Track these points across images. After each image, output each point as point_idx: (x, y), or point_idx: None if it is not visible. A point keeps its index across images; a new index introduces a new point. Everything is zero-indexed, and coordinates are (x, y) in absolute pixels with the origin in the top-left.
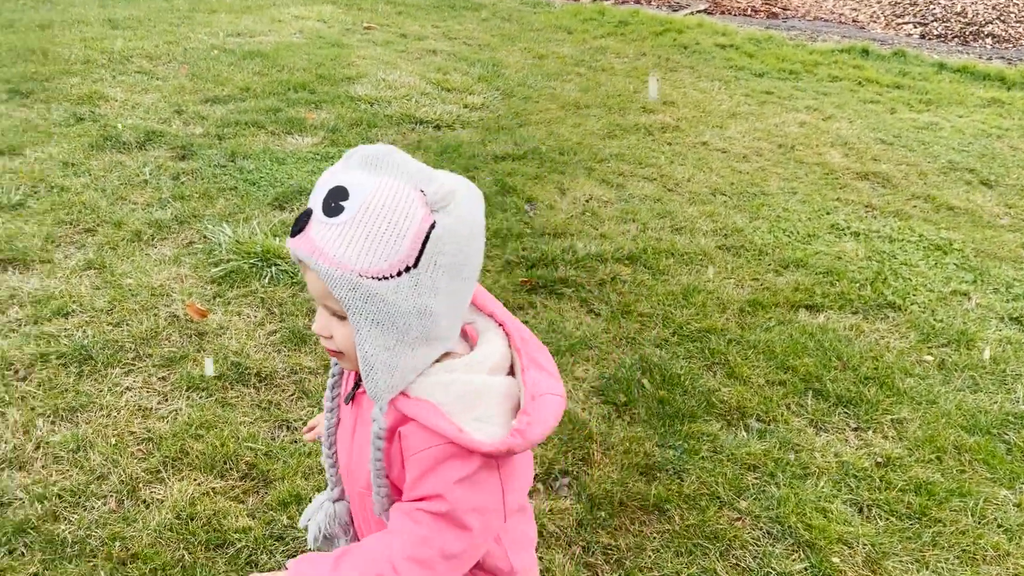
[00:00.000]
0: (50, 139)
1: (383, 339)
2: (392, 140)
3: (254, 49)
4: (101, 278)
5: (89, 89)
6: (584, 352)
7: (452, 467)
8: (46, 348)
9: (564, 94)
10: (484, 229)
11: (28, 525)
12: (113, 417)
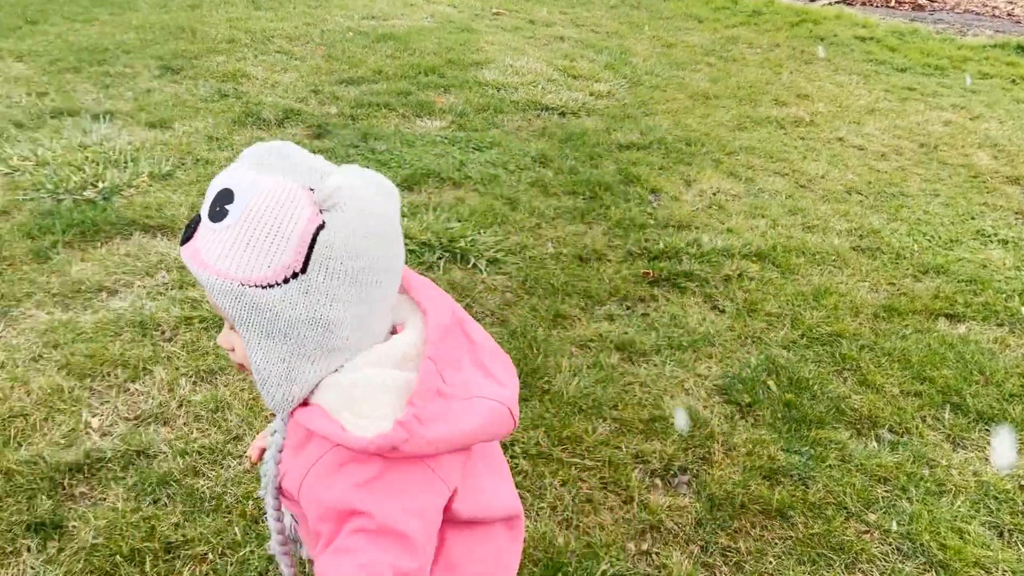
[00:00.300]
0: (197, 114)
1: (276, 351)
2: (517, 126)
3: (387, 32)
4: None
5: (233, 67)
6: (707, 349)
7: (350, 471)
8: (189, 312)
9: (692, 84)
10: (394, 228)
11: (171, 478)
12: (248, 382)
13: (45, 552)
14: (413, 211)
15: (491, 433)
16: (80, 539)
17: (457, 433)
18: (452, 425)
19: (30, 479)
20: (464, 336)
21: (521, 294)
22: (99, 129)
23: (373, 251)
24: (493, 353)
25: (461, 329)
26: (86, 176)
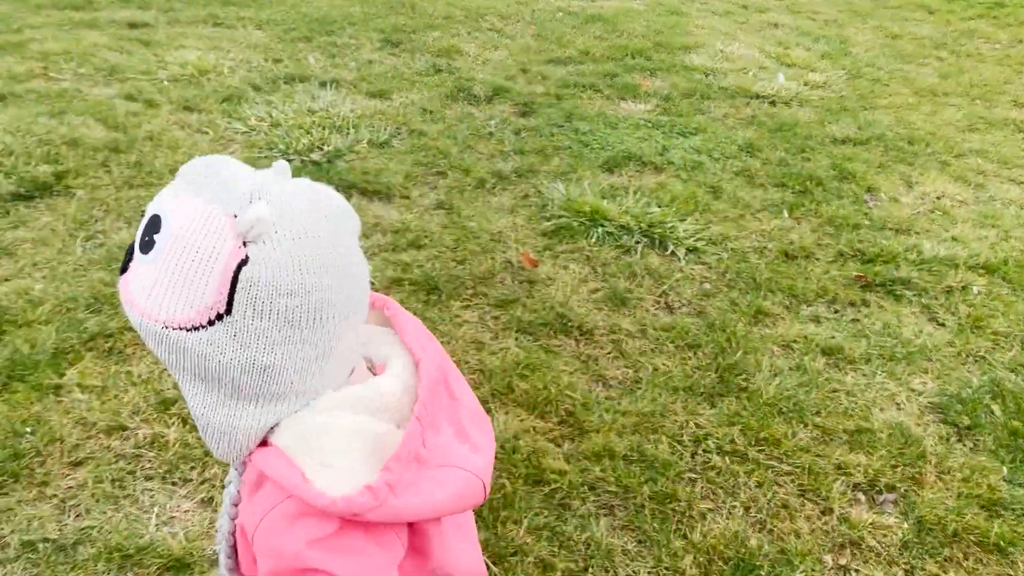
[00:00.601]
0: (413, 87)
1: (212, 396)
2: (724, 114)
3: (596, 13)
4: (449, 218)
5: (448, 43)
6: (922, 363)
7: (306, 526)
8: (401, 274)
9: (919, 79)
10: (343, 257)
11: None
12: (452, 345)
13: None
14: (613, 193)
15: (461, 506)
16: None
17: (428, 506)
18: (424, 497)
19: None
20: (447, 391)
21: (720, 286)
22: (325, 96)
23: (312, 285)
24: (473, 415)
25: (445, 382)
26: (313, 139)
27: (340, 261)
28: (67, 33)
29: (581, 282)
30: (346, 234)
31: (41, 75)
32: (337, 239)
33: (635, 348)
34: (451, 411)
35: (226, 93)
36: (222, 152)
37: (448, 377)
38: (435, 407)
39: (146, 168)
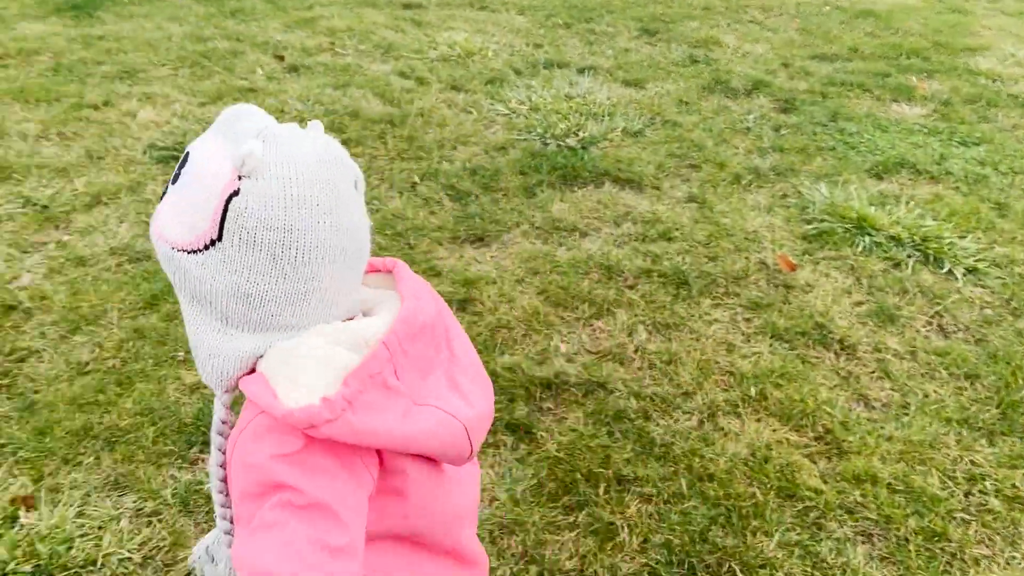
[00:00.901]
0: (668, 76)
1: (205, 320)
2: (1014, 124)
3: (867, 8)
4: (701, 213)
5: (706, 34)
6: None
7: (271, 440)
8: (650, 265)
9: None
10: (332, 201)
11: (625, 415)
12: (701, 343)
13: (518, 451)
14: (882, 200)
15: (434, 445)
16: (546, 448)
17: (392, 433)
18: (388, 422)
19: (511, 383)
20: (447, 347)
21: (1004, 313)
22: (583, 82)
23: (296, 224)
24: (473, 375)
25: (445, 338)
26: (569, 125)
27: (328, 206)
28: (350, 12)
29: (844, 293)
30: (341, 184)
31: (328, 50)
32: (330, 186)
33: (903, 370)
34: (448, 365)
35: (490, 75)
36: (484, 132)
37: (450, 335)
38: (419, 347)
39: (417, 143)
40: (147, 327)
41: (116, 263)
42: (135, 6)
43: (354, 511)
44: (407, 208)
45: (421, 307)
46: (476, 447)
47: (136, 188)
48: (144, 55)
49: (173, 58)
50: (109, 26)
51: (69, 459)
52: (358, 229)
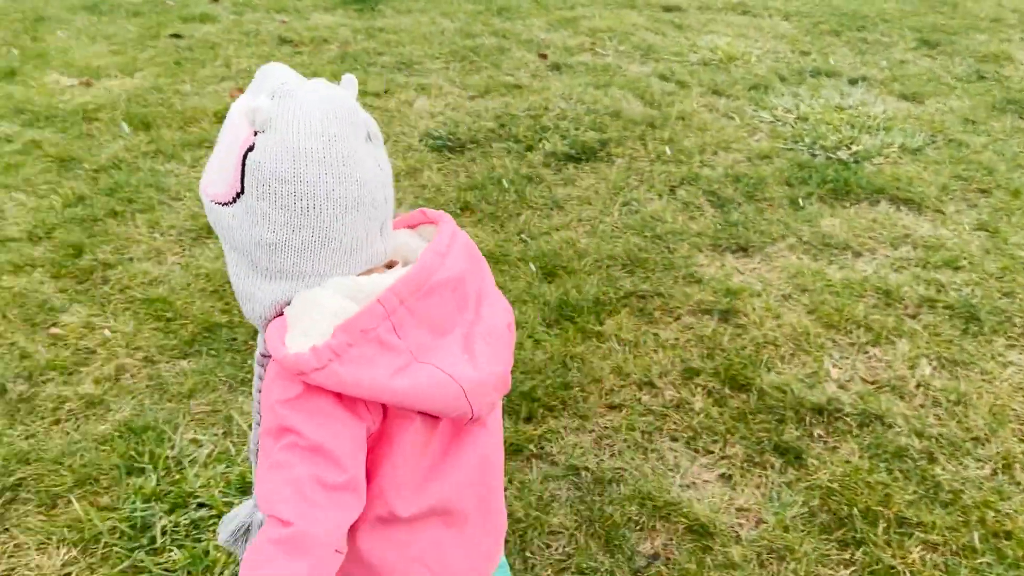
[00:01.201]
0: (951, 92)
1: (241, 266)
2: None
3: None
4: (992, 242)
5: (995, 48)
6: None
7: (277, 386)
8: (934, 295)
9: None
10: (343, 154)
11: (906, 454)
12: (994, 385)
13: (786, 475)
14: None
15: (428, 405)
16: (818, 477)
17: (375, 386)
18: (375, 376)
19: (778, 403)
20: (474, 307)
21: None
22: (854, 93)
23: (304, 176)
24: (492, 335)
25: (476, 298)
26: (841, 137)
27: (335, 159)
28: (611, 13)
29: None
30: (350, 137)
31: (589, 49)
32: (337, 140)
33: None
34: (470, 326)
35: (753, 81)
36: (747, 139)
37: (482, 295)
38: (432, 306)
39: (676, 146)
40: None
41: None
42: (412, 1)
43: (352, 451)
44: (666, 212)
45: (440, 264)
46: (479, 410)
47: (413, 173)
48: (420, 48)
49: (446, 52)
50: (389, 19)
51: None
52: (371, 181)
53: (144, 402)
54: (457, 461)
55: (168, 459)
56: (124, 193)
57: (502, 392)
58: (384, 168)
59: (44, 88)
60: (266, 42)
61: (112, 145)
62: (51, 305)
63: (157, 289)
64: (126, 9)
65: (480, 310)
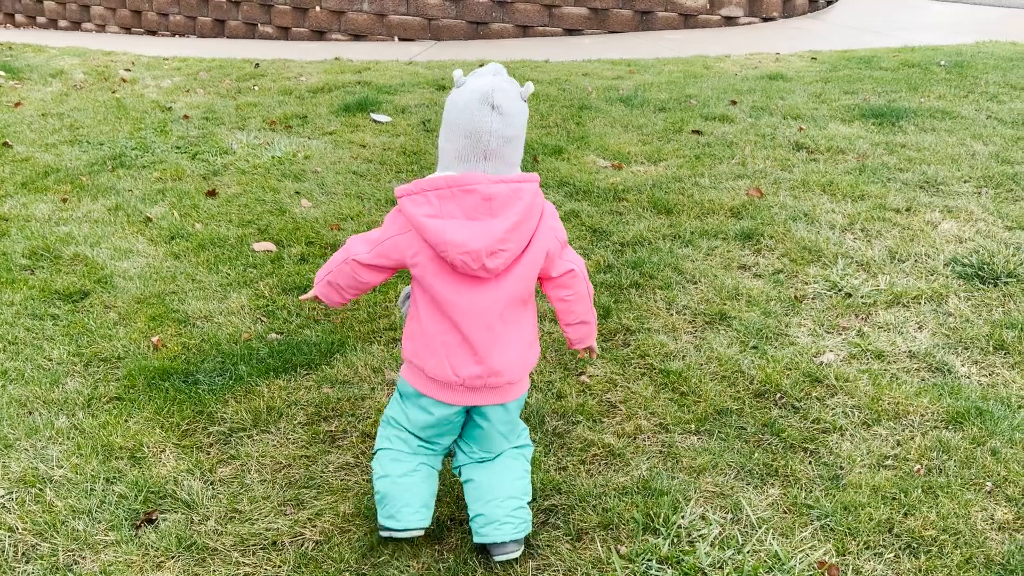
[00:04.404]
0: None
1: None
2: None
3: None
4: None
5: None
6: None
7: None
8: None
9: None
10: (474, 113)
11: None
12: None
13: None
14: None
15: (432, 239)
16: None
17: (413, 217)
18: (415, 213)
19: None
20: (497, 215)
21: None
22: None
23: (453, 116)
24: (501, 226)
25: (512, 217)
26: None
27: (462, 115)
28: None
29: None
30: (472, 104)
31: None
32: (467, 104)
33: None
34: (491, 221)
35: None
36: None
37: (509, 211)
38: (465, 203)
39: None
40: (952, 443)
41: (915, 367)
42: (936, 120)
43: (382, 246)
44: None
45: (478, 180)
46: (464, 267)
47: (936, 298)
48: (946, 168)
49: (977, 175)
50: (911, 136)
51: (871, 545)
52: (480, 127)
53: (658, 466)
54: (467, 297)
55: (680, 527)
56: (646, 268)
57: (494, 266)
58: (496, 128)
59: (584, 167)
60: (781, 146)
61: (637, 224)
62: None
63: (673, 363)
64: (654, 104)
65: (504, 229)
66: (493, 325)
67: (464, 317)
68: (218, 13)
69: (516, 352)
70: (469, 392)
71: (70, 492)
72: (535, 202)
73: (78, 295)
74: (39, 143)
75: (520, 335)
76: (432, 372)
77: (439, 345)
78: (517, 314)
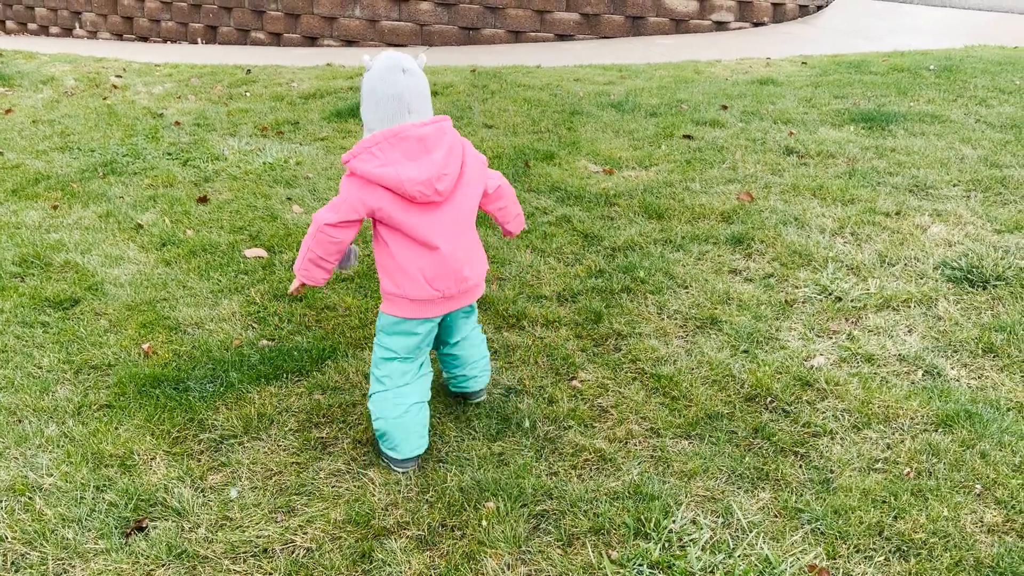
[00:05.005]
0: None
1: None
2: None
3: None
4: None
5: None
6: None
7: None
8: None
9: None
10: (386, 82)
11: None
12: None
13: None
14: None
15: (390, 183)
16: None
17: (368, 171)
18: (368, 169)
19: None
20: (433, 153)
21: None
22: None
23: (375, 86)
24: (439, 165)
25: (444, 153)
26: None
27: (383, 82)
28: None
29: None
30: (388, 71)
31: None
32: (385, 74)
33: None
34: (432, 163)
35: None
36: None
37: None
38: (406, 147)
39: None
40: (941, 446)
41: (904, 370)
42: (926, 124)
43: (346, 204)
44: None
45: (412, 129)
46: (422, 197)
47: (925, 302)
48: (936, 172)
49: (966, 179)
50: (900, 140)
51: (861, 548)
52: (400, 88)
53: (649, 470)
54: (429, 220)
55: (671, 532)
56: (637, 273)
57: (442, 188)
58: (408, 82)
59: (575, 172)
60: (772, 150)
61: (629, 229)
62: (572, 360)
63: (664, 367)
64: (645, 110)
65: (441, 158)
66: (456, 236)
67: (432, 235)
68: (210, 19)
69: (478, 259)
70: (446, 301)
71: (60, 500)
72: (455, 135)
73: (68, 302)
74: (30, 150)
75: (476, 245)
76: (414, 295)
77: (416, 271)
78: (470, 228)
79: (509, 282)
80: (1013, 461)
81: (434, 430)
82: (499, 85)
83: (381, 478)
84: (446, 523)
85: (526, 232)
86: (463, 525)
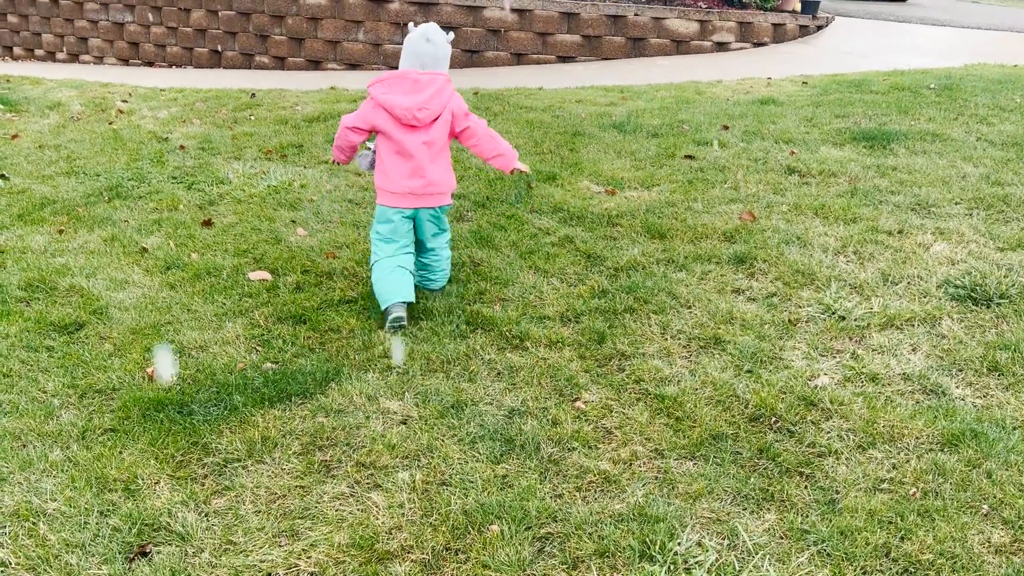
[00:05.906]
0: None
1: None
2: None
3: None
4: None
5: None
6: None
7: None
8: None
9: None
10: (416, 44)
11: None
12: None
13: None
14: None
15: (388, 105)
16: None
17: (379, 96)
18: (379, 92)
19: None
20: (422, 92)
21: None
22: None
23: (408, 47)
24: (422, 97)
25: (431, 94)
26: None
27: (411, 44)
28: None
29: None
30: (415, 38)
31: None
32: (414, 39)
33: None
34: (419, 98)
35: None
36: None
37: (433, 94)
38: (403, 85)
39: None
40: (947, 466)
41: (909, 389)
42: (927, 143)
43: (361, 114)
44: None
45: (410, 74)
46: (408, 119)
47: (929, 320)
48: (937, 191)
49: (968, 198)
50: (902, 159)
51: (868, 570)
52: (420, 51)
53: (654, 492)
54: (411, 138)
55: (676, 554)
56: (640, 293)
57: (422, 117)
58: (428, 48)
59: (577, 192)
60: (773, 170)
61: (631, 249)
62: (576, 381)
63: (668, 388)
64: (647, 130)
65: (426, 97)
66: (428, 154)
67: (411, 148)
68: (215, 44)
69: (443, 171)
70: (415, 198)
71: (64, 525)
72: (446, 86)
73: (73, 326)
74: (36, 175)
75: (445, 162)
76: (392, 188)
77: (396, 172)
78: (442, 150)
79: (512, 303)
80: (1020, 481)
81: (437, 452)
82: (501, 107)
83: (385, 501)
84: (450, 546)
85: (529, 253)
86: (467, 548)
